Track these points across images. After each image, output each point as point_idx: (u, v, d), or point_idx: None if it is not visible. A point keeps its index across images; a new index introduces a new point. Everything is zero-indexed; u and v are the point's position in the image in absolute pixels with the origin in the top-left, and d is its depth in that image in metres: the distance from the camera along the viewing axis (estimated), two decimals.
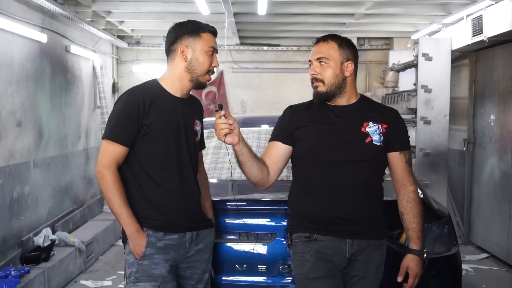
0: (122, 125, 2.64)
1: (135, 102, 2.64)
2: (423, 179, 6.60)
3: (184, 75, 2.74)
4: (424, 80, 6.64)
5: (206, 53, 2.73)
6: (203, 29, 2.75)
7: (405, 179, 2.77)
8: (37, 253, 5.26)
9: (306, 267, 2.66)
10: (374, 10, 6.74)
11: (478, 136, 7.00)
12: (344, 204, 2.65)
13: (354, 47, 2.79)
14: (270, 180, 2.78)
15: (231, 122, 2.59)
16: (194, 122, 2.82)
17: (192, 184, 2.79)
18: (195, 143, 2.83)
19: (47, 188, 6.30)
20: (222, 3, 5.80)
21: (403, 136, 2.80)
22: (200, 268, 2.83)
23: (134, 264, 2.68)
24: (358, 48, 9.48)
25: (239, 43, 9.25)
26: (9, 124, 5.35)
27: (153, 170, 2.68)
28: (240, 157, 2.68)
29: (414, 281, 2.75)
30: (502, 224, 6.30)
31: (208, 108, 9.72)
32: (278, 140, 2.80)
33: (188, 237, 2.75)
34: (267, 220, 3.06)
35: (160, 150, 2.68)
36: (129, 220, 2.62)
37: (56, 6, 5.78)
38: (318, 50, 2.74)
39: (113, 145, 2.63)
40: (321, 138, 2.70)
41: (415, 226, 2.75)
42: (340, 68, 2.71)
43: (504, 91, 6.30)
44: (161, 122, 2.67)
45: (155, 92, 2.71)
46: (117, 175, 2.62)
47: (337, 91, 2.72)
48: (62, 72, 6.88)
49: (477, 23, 6.07)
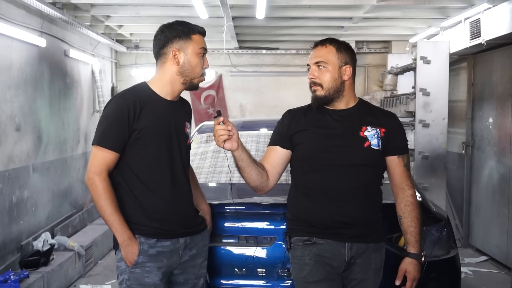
0: (113, 130, 2.58)
1: (126, 106, 2.58)
2: (422, 182, 6.60)
3: (176, 79, 2.69)
4: (422, 83, 6.65)
5: (198, 55, 2.70)
6: (194, 31, 2.71)
7: (403, 183, 2.78)
8: (36, 257, 5.26)
9: (305, 271, 2.66)
10: (372, 14, 6.75)
11: (477, 139, 7.01)
12: (343, 208, 2.66)
13: (352, 50, 2.80)
14: (269, 185, 2.79)
15: (229, 128, 2.59)
16: (184, 124, 2.78)
17: (184, 188, 2.75)
18: (186, 146, 2.79)
19: (46, 192, 6.30)
20: (221, 7, 5.81)
21: (401, 140, 2.80)
22: (194, 273, 2.79)
23: (126, 271, 2.63)
24: (357, 51, 9.51)
25: (238, 47, 9.26)
26: (8, 128, 5.35)
27: (144, 175, 2.63)
28: (239, 163, 2.69)
29: (412, 285, 2.76)
30: (501, 226, 6.30)
31: (207, 111, 9.73)
32: (277, 144, 2.81)
33: (181, 243, 2.70)
34: (266, 224, 3.06)
35: (152, 155, 2.63)
36: (121, 227, 2.56)
37: (55, 10, 5.79)
38: (316, 54, 2.75)
39: (103, 151, 2.57)
40: (320, 142, 2.70)
41: (413, 230, 2.76)
42: (339, 72, 2.72)
43: (502, 94, 6.31)
44: (153, 126, 2.62)
45: (146, 96, 2.66)
46: (108, 181, 2.57)
47: (336, 95, 2.72)
48: (61, 77, 6.89)
49: (475, 27, 6.09)
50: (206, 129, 4.41)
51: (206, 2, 5.96)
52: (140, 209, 2.62)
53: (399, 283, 2.76)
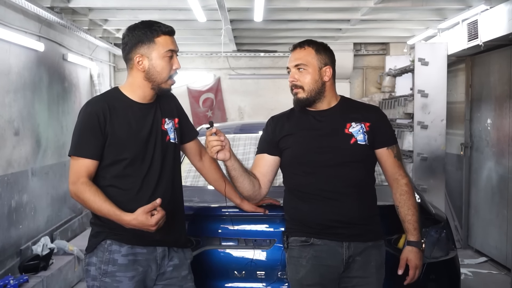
0: (86, 138, 2.49)
1: (95, 112, 2.50)
2: (421, 183, 6.60)
3: (145, 84, 2.58)
4: (420, 85, 6.66)
5: (164, 59, 2.55)
6: (157, 33, 2.54)
7: (396, 173, 2.78)
8: (35, 262, 5.26)
9: (301, 273, 2.66)
10: (370, 16, 6.76)
11: (475, 140, 7.02)
12: (338, 207, 2.66)
13: (331, 51, 2.80)
14: (262, 193, 2.83)
15: (222, 139, 2.61)
16: (162, 121, 2.65)
17: (166, 192, 2.61)
18: (166, 144, 2.65)
19: (45, 196, 6.30)
20: (219, 10, 5.82)
21: (387, 131, 2.80)
22: (178, 285, 2.67)
23: (96, 278, 2.55)
24: (355, 53, 9.56)
25: (236, 49, 9.26)
26: (6, 133, 5.35)
27: (120, 181, 2.53)
28: (232, 172, 2.72)
29: (415, 272, 2.75)
30: (500, 227, 6.30)
31: (206, 114, 9.74)
32: (264, 152, 2.83)
33: (159, 251, 2.59)
34: (265, 226, 3.06)
35: (126, 160, 2.52)
36: (118, 211, 2.40)
37: (53, 15, 5.80)
38: (296, 57, 2.76)
39: (80, 160, 2.48)
40: (306, 145, 2.72)
41: (411, 218, 2.76)
42: (319, 73, 2.72)
43: (500, 95, 6.32)
44: (124, 130, 2.53)
45: (115, 100, 2.57)
46: (88, 183, 2.45)
47: (317, 96, 2.73)
48: (59, 81, 6.90)
49: (473, 28, 6.10)
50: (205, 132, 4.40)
51: (204, 5, 5.96)
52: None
53: (402, 272, 2.76)
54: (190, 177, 3.67)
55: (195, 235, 3.03)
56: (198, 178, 3.55)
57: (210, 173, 2.95)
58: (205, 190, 3.57)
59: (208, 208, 3.27)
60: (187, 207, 3.12)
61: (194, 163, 2.97)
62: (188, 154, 2.94)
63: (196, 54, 9.76)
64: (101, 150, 2.51)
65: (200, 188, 3.62)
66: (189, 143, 2.88)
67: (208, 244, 3.05)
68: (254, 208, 2.95)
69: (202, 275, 2.99)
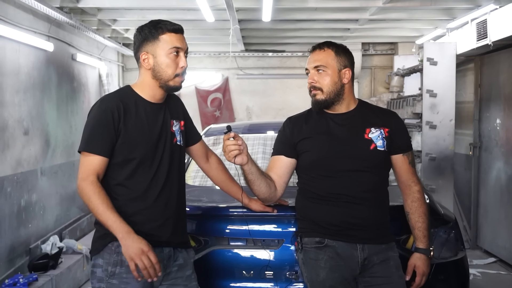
0: (98, 134, 2.48)
1: (110, 108, 2.50)
2: (429, 183, 6.59)
3: (153, 82, 2.59)
4: (429, 84, 6.64)
5: (169, 56, 2.55)
6: (162, 30, 2.55)
7: (409, 180, 2.79)
8: (45, 260, 5.28)
9: (321, 275, 2.65)
10: (378, 16, 6.75)
11: (484, 140, 6.99)
12: (354, 211, 2.66)
13: (350, 53, 2.80)
14: (277, 195, 2.83)
15: (240, 143, 2.60)
16: (170, 123, 2.66)
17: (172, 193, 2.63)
18: (175, 147, 2.67)
19: (54, 196, 6.33)
20: (227, 10, 5.82)
21: (405, 138, 2.81)
22: (183, 285, 2.67)
23: (103, 280, 2.52)
24: (363, 53, 9.55)
25: (244, 49, 9.27)
26: (16, 132, 5.38)
27: (129, 180, 2.53)
28: (249, 176, 2.71)
29: (421, 280, 2.76)
30: (509, 228, 6.27)
31: (214, 114, 9.75)
32: (281, 154, 2.81)
33: (166, 252, 2.60)
34: (274, 226, 3.06)
35: (136, 159, 2.53)
36: (117, 223, 2.38)
37: (62, 15, 5.82)
38: (315, 58, 2.74)
39: (90, 157, 2.46)
40: (325, 149, 2.70)
41: (421, 225, 2.76)
42: (338, 75, 2.72)
43: (509, 95, 6.29)
44: (137, 130, 2.53)
45: (128, 98, 2.58)
46: (97, 184, 2.43)
47: (336, 99, 2.73)
48: (68, 80, 6.93)
49: (482, 28, 6.08)
50: (213, 131, 4.41)
51: (212, 5, 5.97)
52: (124, 214, 2.46)
53: (409, 278, 2.76)
54: (199, 177, 3.67)
55: (203, 235, 3.04)
56: (206, 178, 3.53)
57: (217, 174, 2.96)
58: (214, 190, 3.56)
59: (216, 208, 3.27)
60: (196, 207, 3.13)
61: (200, 165, 2.98)
62: (194, 157, 2.95)
63: (204, 54, 9.78)
64: (112, 147, 2.50)
65: (209, 188, 3.62)
66: (194, 145, 2.89)
67: (216, 244, 3.05)
68: (263, 207, 2.94)
69: (211, 275, 3.00)
